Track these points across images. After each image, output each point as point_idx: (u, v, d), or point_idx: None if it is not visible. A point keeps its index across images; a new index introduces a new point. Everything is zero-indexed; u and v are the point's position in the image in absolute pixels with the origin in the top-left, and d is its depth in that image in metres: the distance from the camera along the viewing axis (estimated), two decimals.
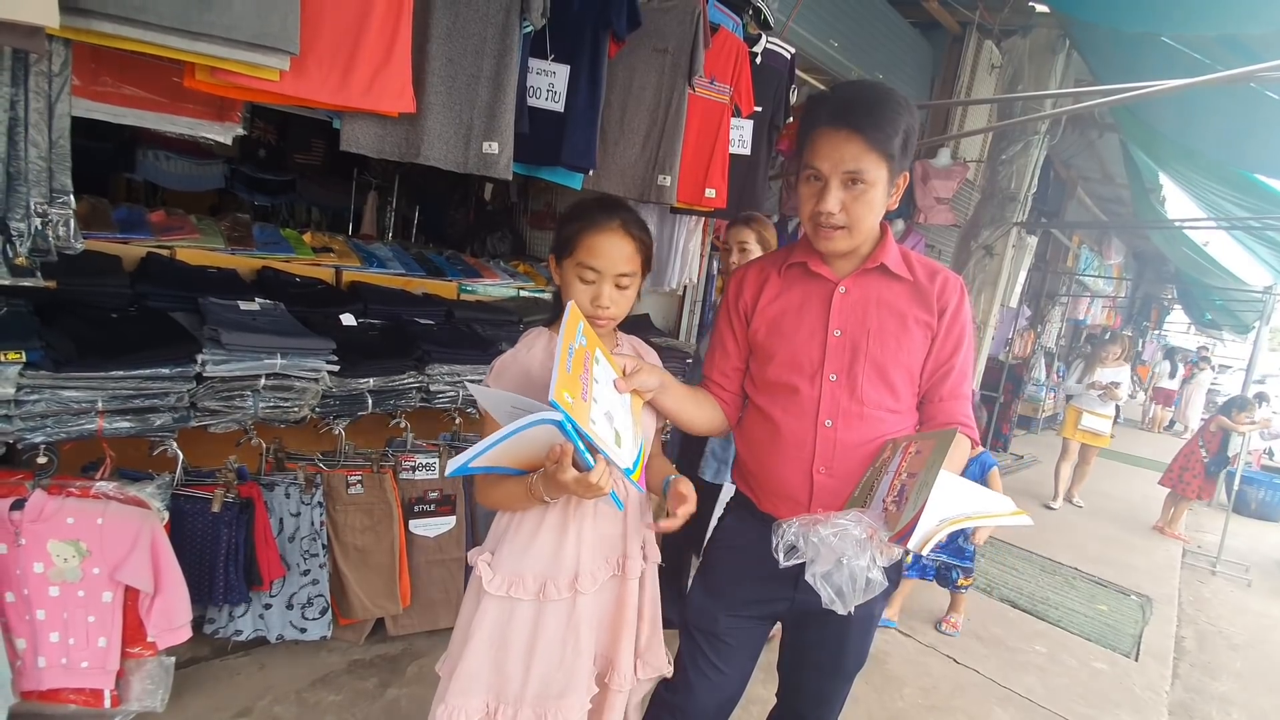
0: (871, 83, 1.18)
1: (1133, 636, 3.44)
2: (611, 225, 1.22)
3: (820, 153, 1.15)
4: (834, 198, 1.15)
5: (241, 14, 1.50)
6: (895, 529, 1.03)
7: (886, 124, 1.12)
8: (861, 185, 1.15)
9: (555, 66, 2.20)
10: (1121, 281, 11.61)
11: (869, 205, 1.17)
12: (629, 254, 1.23)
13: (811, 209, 1.19)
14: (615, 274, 1.22)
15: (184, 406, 1.66)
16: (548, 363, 1.26)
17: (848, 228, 1.19)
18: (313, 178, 5.41)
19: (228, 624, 1.84)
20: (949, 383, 1.25)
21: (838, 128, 1.13)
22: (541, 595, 1.24)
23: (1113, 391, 5.61)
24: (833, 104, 1.15)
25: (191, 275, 2.15)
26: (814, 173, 1.17)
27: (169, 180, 4.89)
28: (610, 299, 1.23)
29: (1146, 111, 3.96)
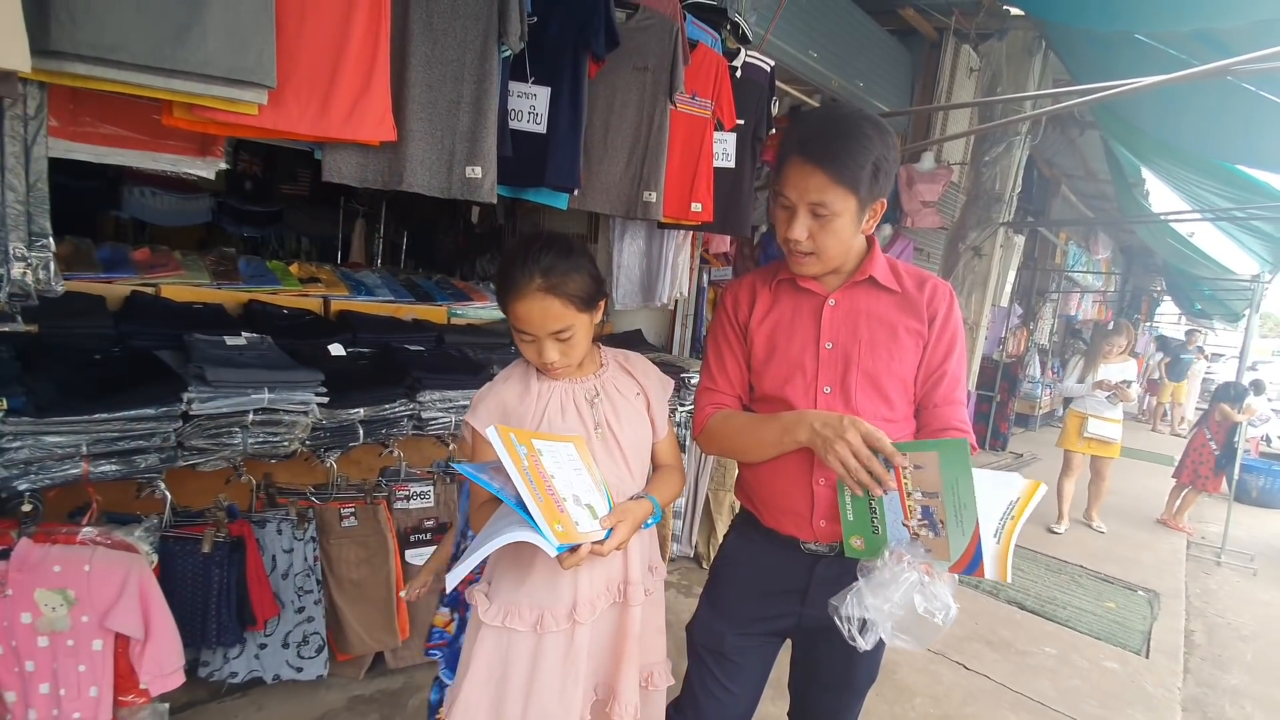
0: (842, 112, 1.18)
1: (1142, 633, 3.41)
2: (530, 289, 1.15)
3: (789, 182, 1.17)
4: (801, 226, 1.18)
5: (216, 49, 1.50)
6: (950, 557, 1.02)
7: (851, 159, 1.12)
8: (827, 215, 1.16)
9: (536, 89, 2.20)
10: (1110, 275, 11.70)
11: (835, 234, 1.19)
12: (556, 312, 1.17)
13: (782, 234, 1.22)
14: (549, 333, 1.19)
15: (170, 446, 1.64)
16: (525, 396, 1.26)
17: (815, 254, 1.21)
18: (300, 208, 5.42)
19: (222, 666, 1.80)
20: (942, 389, 1.25)
21: (804, 159, 1.14)
22: (539, 627, 1.22)
23: (1123, 392, 4.77)
24: (801, 134, 1.17)
25: (177, 312, 2.13)
26: (783, 199, 1.19)
27: (156, 216, 4.89)
28: (556, 353, 1.21)
29: (1125, 108, 4.00)
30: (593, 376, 1.33)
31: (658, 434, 1.39)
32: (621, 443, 1.30)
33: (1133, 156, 5.11)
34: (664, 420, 1.41)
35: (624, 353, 1.43)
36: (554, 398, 1.27)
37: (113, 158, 1.83)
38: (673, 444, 1.45)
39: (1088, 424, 4.86)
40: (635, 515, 1.21)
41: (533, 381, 1.28)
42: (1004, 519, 1.05)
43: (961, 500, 1.04)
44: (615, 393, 1.33)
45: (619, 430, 1.30)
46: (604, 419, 1.29)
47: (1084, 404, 4.94)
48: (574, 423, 1.27)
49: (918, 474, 1.10)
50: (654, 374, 1.42)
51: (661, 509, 1.33)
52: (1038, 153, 6.80)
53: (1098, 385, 4.80)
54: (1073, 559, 4.39)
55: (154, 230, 5.02)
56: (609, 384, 1.33)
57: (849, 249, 1.24)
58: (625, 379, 1.37)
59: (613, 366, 1.37)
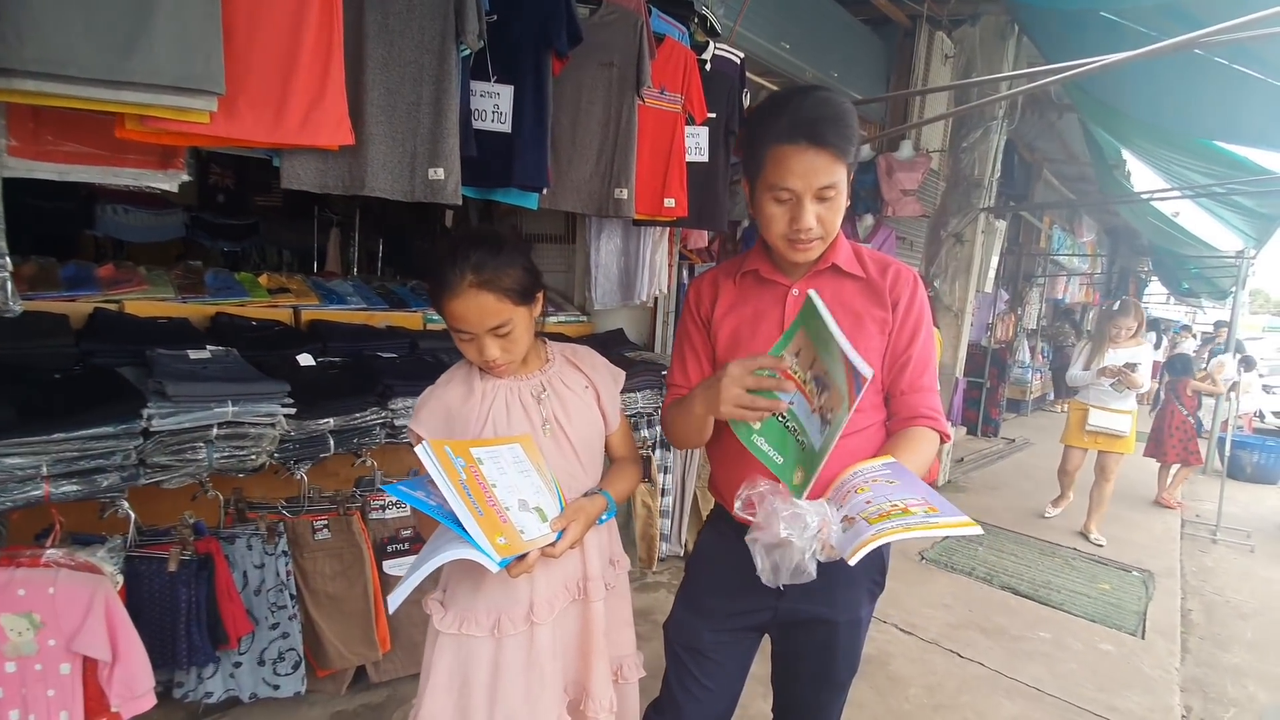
0: (823, 92, 1.15)
1: (1137, 614, 3.40)
2: (462, 286, 1.12)
3: (792, 171, 1.11)
4: (811, 214, 1.13)
5: (164, 59, 1.47)
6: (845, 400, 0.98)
7: (850, 134, 1.11)
8: (833, 197, 1.14)
9: (499, 88, 2.18)
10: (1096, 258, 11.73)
11: (838, 211, 1.16)
12: (492, 308, 1.14)
13: (786, 228, 1.16)
14: (487, 330, 1.16)
15: (132, 464, 1.60)
16: (469, 398, 1.24)
17: (822, 238, 1.18)
18: (275, 220, 5.39)
19: (197, 686, 1.76)
20: (908, 375, 1.22)
21: (804, 145, 1.09)
22: (496, 631, 1.20)
23: (1129, 378, 4.23)
24: (793, 119, 1.10)
25: (141, 328, 2.09)
26: (783, 192, 1.13)
27: (130, 233, 4.85)
28: (497, 349, 1.17)
29: (1100, 89, 3.99)
30: (538, 373, 1.31)
31: (609, 426, 1.38)
32: (571, 438, 1.28)
33: (1112, 138, 5.12)
34: (615, 413, 1.39)
35: (571, 346, 1.41)
36: (499, 397, 1.25)
37: (76, 175, 1.81)
38: (626, 436, 1.43)
39: (1090, 416, 4.39)
40: (588, 513, 1.19)
41: (476, 382, 1.26)
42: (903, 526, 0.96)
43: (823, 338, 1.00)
44: (563, 387, 1.31)
45: (568, 425, 1.28)
46: (552, 415, 1.27)
47: (1087, 394, 4.46)
48: (520, 421, 1.24)
49: (801, 360, 1.06)
50: (602, 366, 1.40)
51: (617, 502, 1.32)
52: (1017, 138, 6.81)
53: (1101, 372, 4.31)
54: (1065, 542, 4.38)
55: (132, 248, 4.99)
56: (555, 379, 1.31)
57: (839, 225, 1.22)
58: (572, 373, 1.35)
59: (559, 361, 1.35)
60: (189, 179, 1.92)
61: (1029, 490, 5.51)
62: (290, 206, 5.39)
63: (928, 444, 1.19)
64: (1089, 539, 4.50)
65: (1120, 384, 4.26)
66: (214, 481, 1.83)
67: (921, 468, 1.16)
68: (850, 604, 1.28)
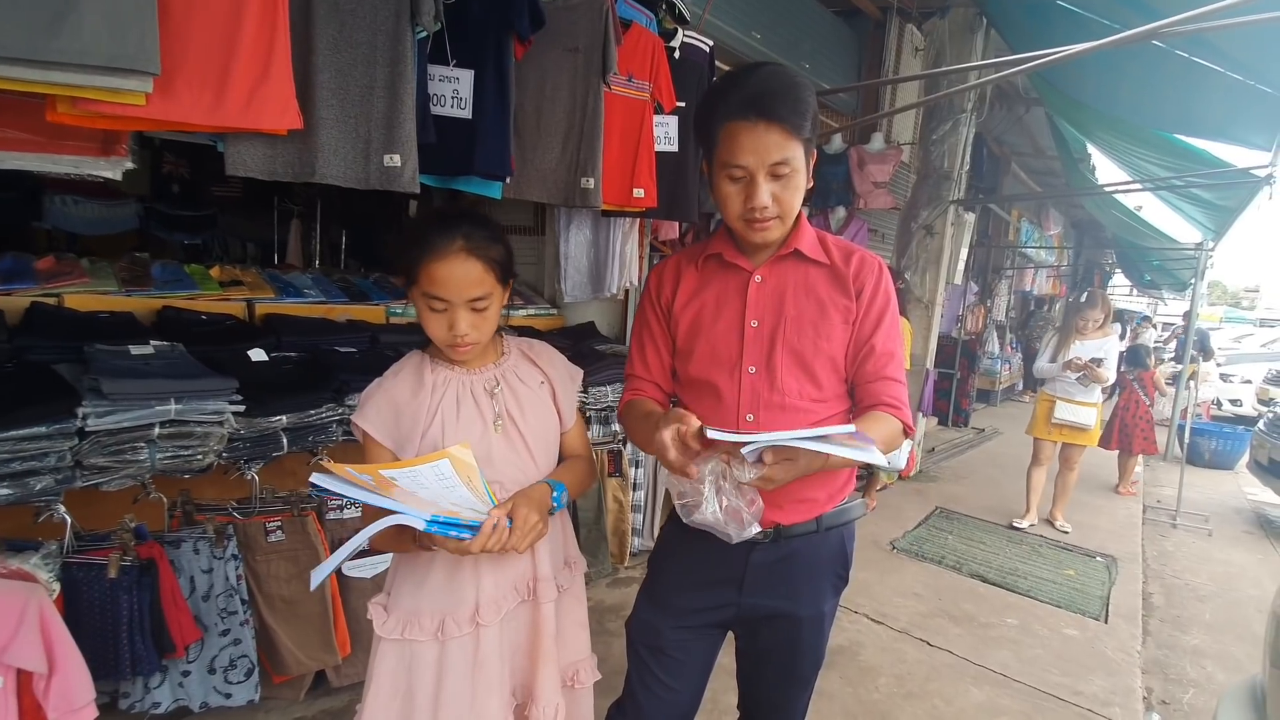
0: (774, 67, 1.12)
1: (1101, 598, 3.46)
2: (451, 249, 1.09)
3: (743, 148, 1.08)
4: (765, 192, 1.10)
5: (94, 37, 1.38)
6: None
7: (804, 109, 1.08)
8: (788, 174, 1.10)
9: (458, 72, 2.11)
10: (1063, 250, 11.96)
11: (796, 190, 1.13)
12: (477, 276, 1.11)
13: (740, 207, 1.13)
14: (466, 300, 1.12)
15: (67, 466, 1.52)
16: (419, 391, 1.19)
17: (780, 217, 1.14)
18: (234, 210, 5.21)
19: (144, 697, 1.68)
20: (871, 364, 1.19)
21: (754, 120, 1.06)
22: (440, 633, 1.15)
23: (1094, 371, 4.18)
24: (743, 95, 1.07)
25: (80, 322, 1.99)
26: (736, 170, 1.10)
27: (80, 225, 4.66)
28: (468, 325, 1.13)
29: (1064, 82, 4.04)
30: (493, 366, 1.26)
31: (564, 424, 1.34)
32: (525, 435, 1.24)
33: (1077, 132, 5.19)
34: (571, 410, 1.36)
35: (528, 341, 1.37)
36: (450, 391, 1.20)
37: (9, 162, 1.72)
38: (581, 435, 1.40)
39: (1056, 408, 4.37)
40: (532, 496, 1.14)
41: (426, 374, 1.20)
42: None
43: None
44: (517, 382, 1.27)
45: (521, 422, 1.24)
46: (505, 410, 1.23)
47: (1054, 386, 4.44)
48: (471, 417, 1.20)
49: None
50: (560, 362, 1.36)
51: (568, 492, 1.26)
52: (987, 131, 6.88)
53: (1067, 365, 4.27)
54: (1032, 530, 4.44)
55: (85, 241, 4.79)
56: (510, 373, 1.27)
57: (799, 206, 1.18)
58: (528, 368, 1.31)
59: (515, 355, 1.31)
60: (134, 166, 1.82)
61: (998, 479, 5.60)
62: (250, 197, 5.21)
63: (886, 426, 1.16)
64: (1055, 526, 4.57)
65: (1086, 377, 4.24)
66: (161, 483, 1.75)
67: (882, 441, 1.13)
68: (813, 598, 1.26)
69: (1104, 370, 4.20)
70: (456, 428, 1.18)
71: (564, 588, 1.31)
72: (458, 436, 1.17)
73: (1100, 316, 4.34)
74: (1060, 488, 4.60)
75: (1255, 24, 2.08)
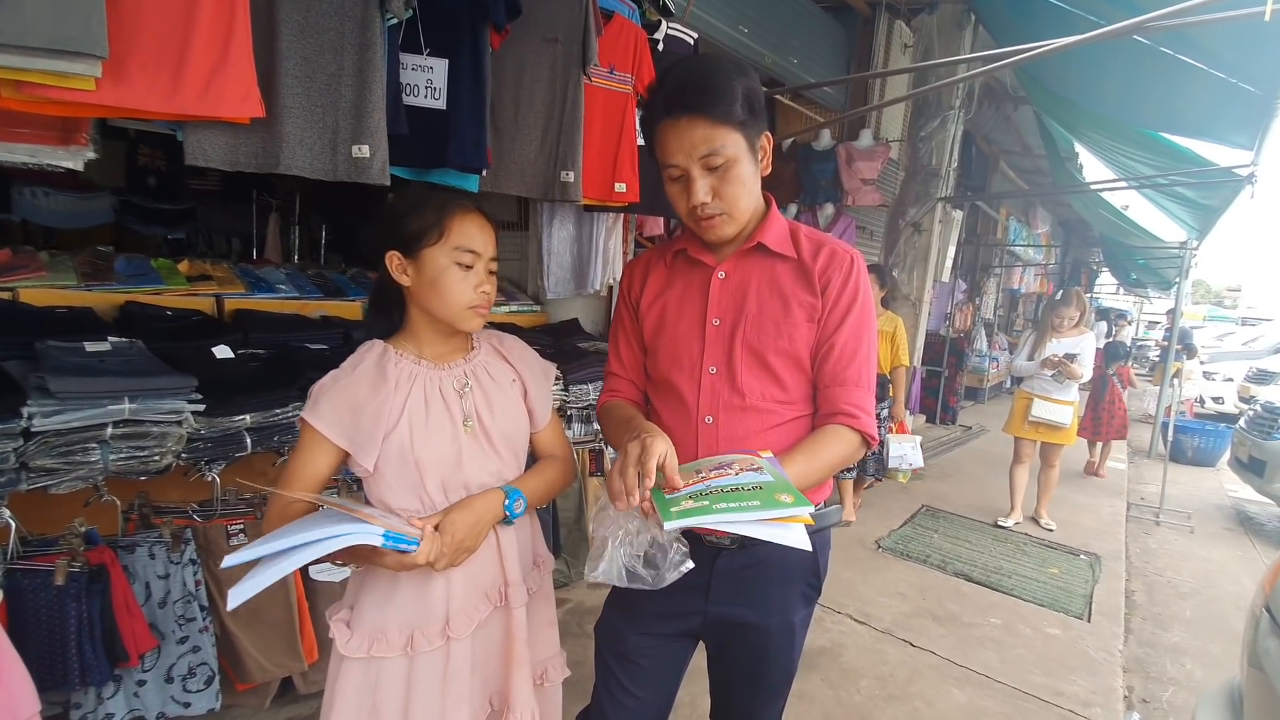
0: (695, 58, 1.10)
1: (1084, 597, 3.45)
2: (476, 209, 1.15)
3: (670, 147, 1.07)
4: (701, 187, 1.07)
5: (34, 17, 1.31)
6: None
7: (722, 94, 1.03)
8: (723, 164, 1.06)
9: (432, 61, 2.04)
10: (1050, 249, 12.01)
11: (739, 181, 1.09)
12: (494, 239, 1.17)
13: (685, 206, 1.11)
14: (489, 257, 1.15)
15: (11, 468, 1.45)
16: (380, 386, 1.11)
17: (726, 212, 1.10)
18: (213, 203, 5.09)
19: (96, 708, 1.62)
20: (830, 365, 1.13)
21: (676, 116, 1.05)
22: (410, 648, 1.09)
23: (1068, 368, 4.17)
24: (663, 93, 1.07)
25: (35, 318, 1.91)
26: (673, 169, 1.09)
27: (51, 219, 4.53)
28: (490, 284, 1.16)
29: (1051, 79, 4.02)
30: (462, 362, 1.21)
31: (535, 424, 1.29)
32: (493, 436, 1.19)
33: (1064, 130, 5.18)
34: (544, 410, 1.31)
35: (499, 335, 1.31)
36: (416, 388, 1.14)
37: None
38: (556, 434, 1.35)
39: (1033, 406, 4.34)
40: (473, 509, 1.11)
41: (389, 368, 1.13)
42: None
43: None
44: (487, 379, 1.22)
45: (491, 422, 1.19)
46: (474, 410, 1.18)
47: (1031, 384, 4.42)
48: (441, 419, 1.14)
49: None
50: (532, 360, 1.31)
51: (533, 500, 1.22)
52: (975, 129, 6.88)
53: (1043, 364, 4.26)
54: (1018, 528, 4.44)
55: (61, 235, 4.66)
56: (480, 369, 1.22)
57: (755, 199, 1.15)
58: (499, 364, 1.26)
59: (485, 349, 1.26)
60: (95, 156, 1.74)
61: (984, 476, 5.59)
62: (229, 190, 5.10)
63: (836, 444, 1.11)
64: (1040, 524, 4.55)
65: (1061, 375, 4.22)
66: (120, 485, 1.68)
67: (820, 469, 1.09)
68: (782, 608, 1.21)
69: (1078, 366, 4.19)
70: (426, 432, 1.12)
71: (533, 589, 1.27)
72: (427, 440, 1.11)
73: (1075, 314, 4.33)
74: (1043, 485, 4.61)
75: (1235, 19, 2.06)
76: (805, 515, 0.91)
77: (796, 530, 0.91)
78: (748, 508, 0.90)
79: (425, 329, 1.18)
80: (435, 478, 1.12)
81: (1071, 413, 4.30)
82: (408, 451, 1.10)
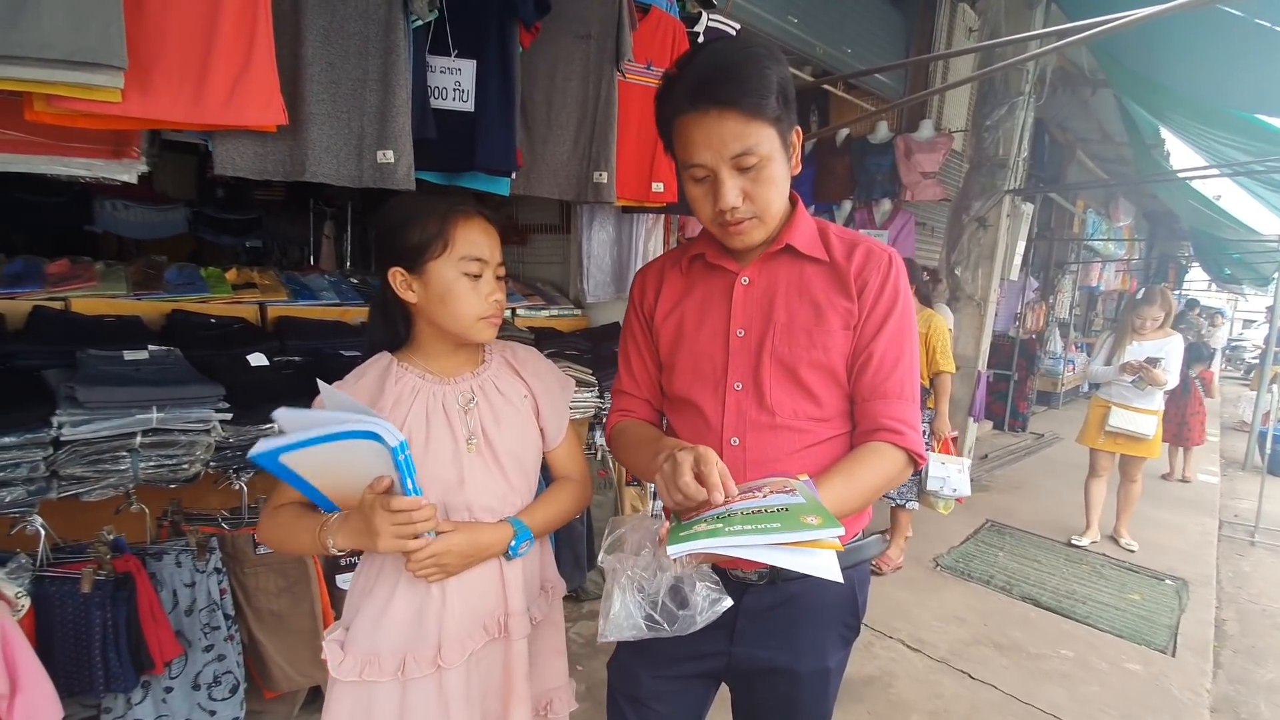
0: (722, 42, 0.97)
1: (1169, 627, 3.15)
2: (478, 213, 1.10)
3: (696, 144, 0.94)
4: (731, 189, 0.95)
5: (53, 30, 1.32)
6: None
7: (757, 84, 0.91)
8: (756, 164, 0.94)
9: (460, 63, 2.00)
10: (1134, 243, 11.21)
11: (771, 182, 0.97)
12: (499, 242, 1.12)
13: (710, 210, 0.99)
14: (496, 263, 1.11)
15: (41, 477, 1.48)
16: (378, 399, 1.09)
17: (758, 216, 0.98)
18: (277, 213, 5.30)
19: (125, 713, 1.64)
20: (869, 376, 1.01)
21: (704, 109, 0.92)
22: (401, 674, 1.05)
23: (1151, 374, 3.76)
24: (688, 82, 0.93)
25: (83, 326, 1.97)
26: (697, 169, 0.96)
27: (130, 230, 4.80)
28: (501, 293, 1.12)
29: (1133, 58, 3.69)
30: (470, 376, 1.15)
31: (548, 442, 1.22)
32: (500, 455, 1.12)
33: (1148, 114, 4.78)
34: (559, 427, 1.23)
35: (512, 346, 1.25)
36: (418, 404, 1.09)
37: (20, 165, 1.69)
38: (573, 453, 1.28)
39: (1110, 415, 3.94)
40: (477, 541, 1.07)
41: (390, 383, 1.09)
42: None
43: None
44: (496, 394, 1.16)
45: (498, 440, 1.12)
46: (479, 428, 1.11)
47: (1109, 391, 4.02)
48: (442, 437, 1.08)
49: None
50: (546, 373, 1.24)
51: (537, 531, 1.15)
52: (1048, 116, 6.45)
53: (1123, 369, 3.88)
54: (1095, 547, 4.10)
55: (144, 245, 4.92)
56: (489, 384, 1.16)
57: (785, 199, 1.03)
58: (510, 379, 1.19)
59: (497, 362, 1.20)
60: (146, 169, 1.77)
61: (1057, 490, 5.22)
62: (291, 199, 5.31)
63: (878, 464, 0.99)
64: (1120, 544, 4.18)
65: (1143, 380, 3.83)
66: (152, 493, 1.70)
67: (861, 492, 0.97)
68: (815, 651, 1.09)
69: (1162, 372, 3.77)
70: (426, 450, 1.07)
71: (538, 618, 1.20)
72: (427, 460, 1.07)
73: (1160, 315, 3.93)
74: (1123, 501, 4.20)
75: None
76: (834, 540, 0.78)
77: (824, 558, 0.79)
78: (766, 530, 0.78)
79: (433, 342, 1.14)
80: (435, 498, 1.07)
81: (1155, 423, 3.92)
82: None
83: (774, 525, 0.79)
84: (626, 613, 0.86)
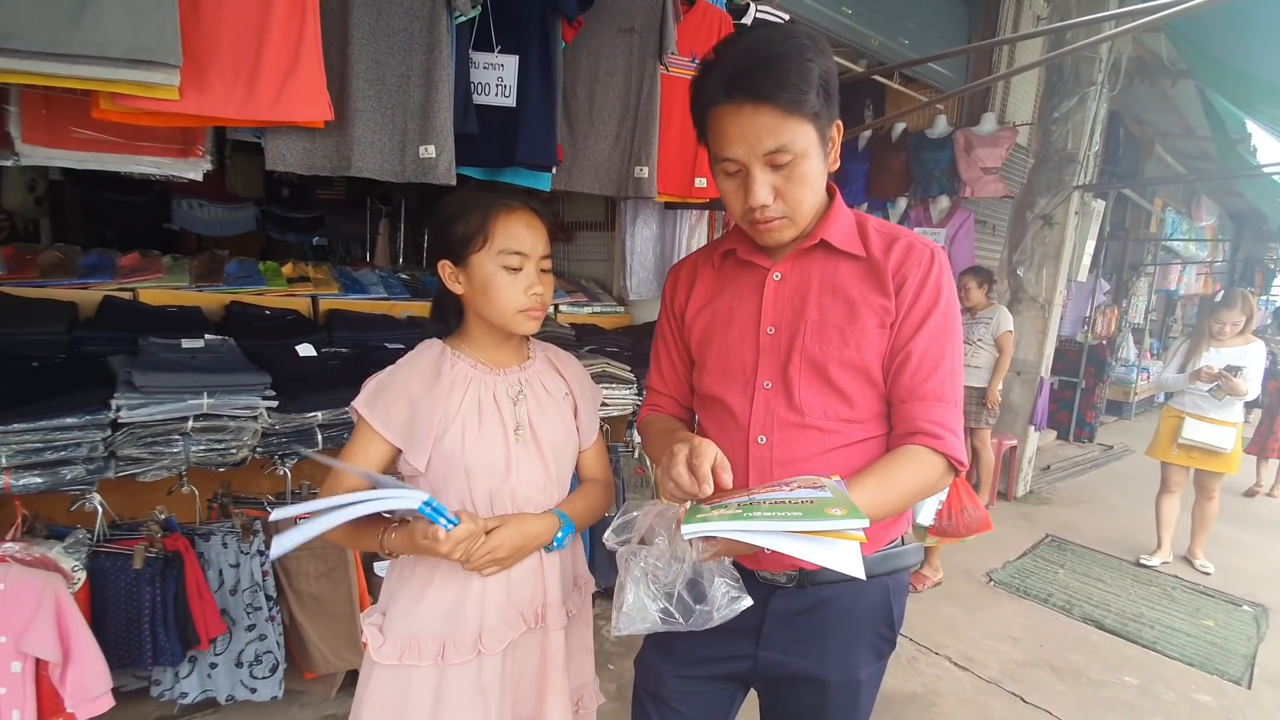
0: (763, 30, 0.92)
1: (1245, 657, 2.91)
2: (522, 207, 1.10)
3: (729, 137, 0.90)
4: (762, 187, 0.91)
5: (113, 30, 1.39)
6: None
7: (797, 78, 0.86)
8: (790, 162, 0.90)
9: (503, 58, 2.01)
10: (1217, 244, 10.48)
11: (805, 181, 0.92)
12: (545, 236, 1.12)
13: (741, 206, 0.95)
14: (539, 256, 1.11)
15: (100, 457, 1.56)
16: (434, 385, 1.10)
17: (788, 216, 0.95)
18: (339, 211, 5.51)
19: (173, 686, 1.72)
20: (907, 377, 0.96)
21: (740, 102, 0.88)
22: (440, 659, 1.07)
23: (1230, 382, 3.48)
24: (723, 72, 0.89)
25: (148, 316, 2.09)
26: (729, 163, 0.93)
27: (204, 227, 5.06)
28: (543, 283, 1.11)
29: (1217, 46, 3.44)
30: (516, 369, 1.18)
31: (583, 442, 1.25)
32: (544, 447, 1.15)
33: (1234, 106, 4.44)
34: (592, 429, 1.26)
35: (554, 348, 1.28)
36: (470, 393, 1.11)
37: (94, 163, 1.80)
38: (600, 456, 1.30)
39: (1184, 427, 3.66)
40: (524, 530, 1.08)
41: (445, 368, 1.12)
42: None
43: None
44: (542, 390, 1.19)
45: (542, 432, 1.15)
46: (526, 419, 1.14)
47: (1183, 400, 3.75)
48: (493, 425, 1.11)
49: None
50: (584, 377, 1.28)
51: (578, 525, 1.17)
52: (1124, 109, 6.09)
53: (1196, 375, 3.59)
54: (1166, 568, 3.84)
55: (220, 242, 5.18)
56: (535, 379, 1.19)
57: (820, 198, 0.98)
58: (554, 377, 1.23)
59: (541, 360, 1.23)
60: (210, 167, 1.86)
61: (1125, 505, 4.92)
62: (351, 198, 5.51)
63: (913, 468, 0.93)
64: (1194, 565, 3.89)
65: (1221, 389, 3.55)
66: (202, 477, 1.77)
67: (895, 497, 0.91)
68: (845, 661, 1.04)
69: (1242, 381, 3.49)
70: (479, 437, 1.10)
71: (573, 612, 1.23)
72: (479, 447, 1.09)
73: (1240, 320, 3.63)
74: (1198, 520, 3.91)
75: None
76: (857, 531, 0.74)
77: (845, 549, 0.74)
78: (787, 517, 0.75)
79: (481, 333, 1.16)
80: (483, 485, 1.10)
81: (1234, 435, 3.62)
82: (458, 456, 1.08)
83: (795, 514, 0.76)
84: (640, 605, 0.85)
